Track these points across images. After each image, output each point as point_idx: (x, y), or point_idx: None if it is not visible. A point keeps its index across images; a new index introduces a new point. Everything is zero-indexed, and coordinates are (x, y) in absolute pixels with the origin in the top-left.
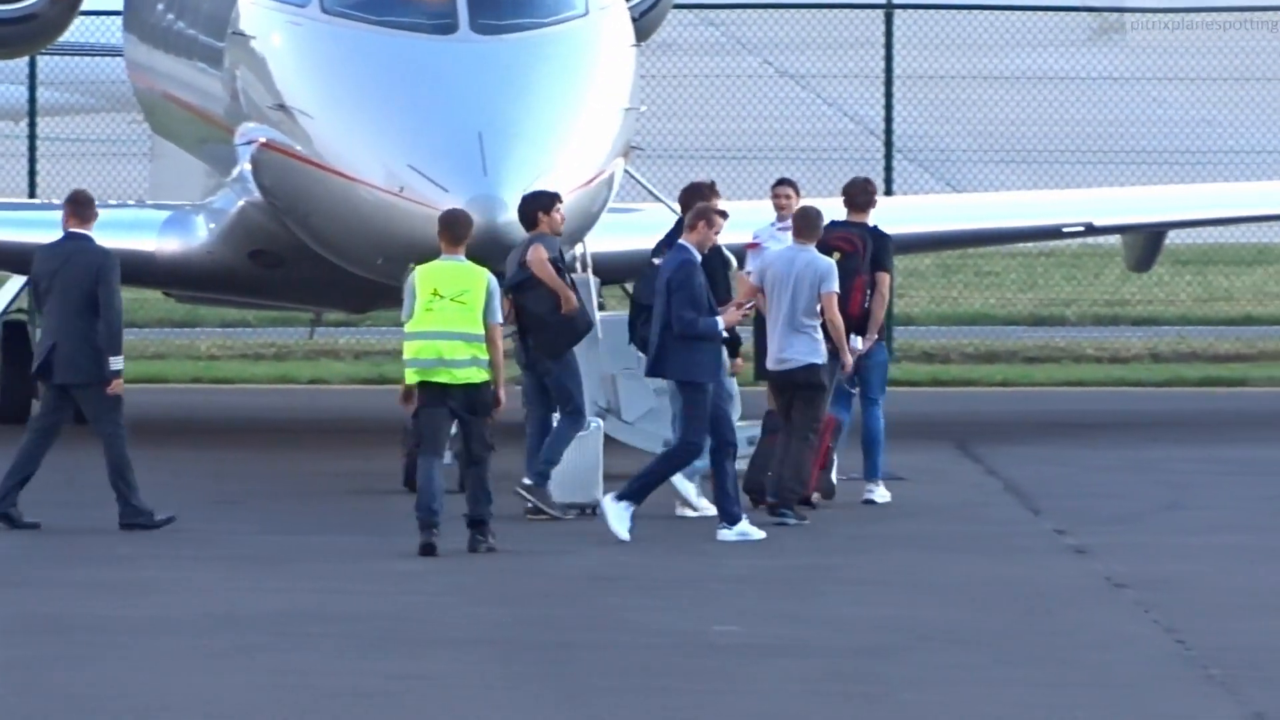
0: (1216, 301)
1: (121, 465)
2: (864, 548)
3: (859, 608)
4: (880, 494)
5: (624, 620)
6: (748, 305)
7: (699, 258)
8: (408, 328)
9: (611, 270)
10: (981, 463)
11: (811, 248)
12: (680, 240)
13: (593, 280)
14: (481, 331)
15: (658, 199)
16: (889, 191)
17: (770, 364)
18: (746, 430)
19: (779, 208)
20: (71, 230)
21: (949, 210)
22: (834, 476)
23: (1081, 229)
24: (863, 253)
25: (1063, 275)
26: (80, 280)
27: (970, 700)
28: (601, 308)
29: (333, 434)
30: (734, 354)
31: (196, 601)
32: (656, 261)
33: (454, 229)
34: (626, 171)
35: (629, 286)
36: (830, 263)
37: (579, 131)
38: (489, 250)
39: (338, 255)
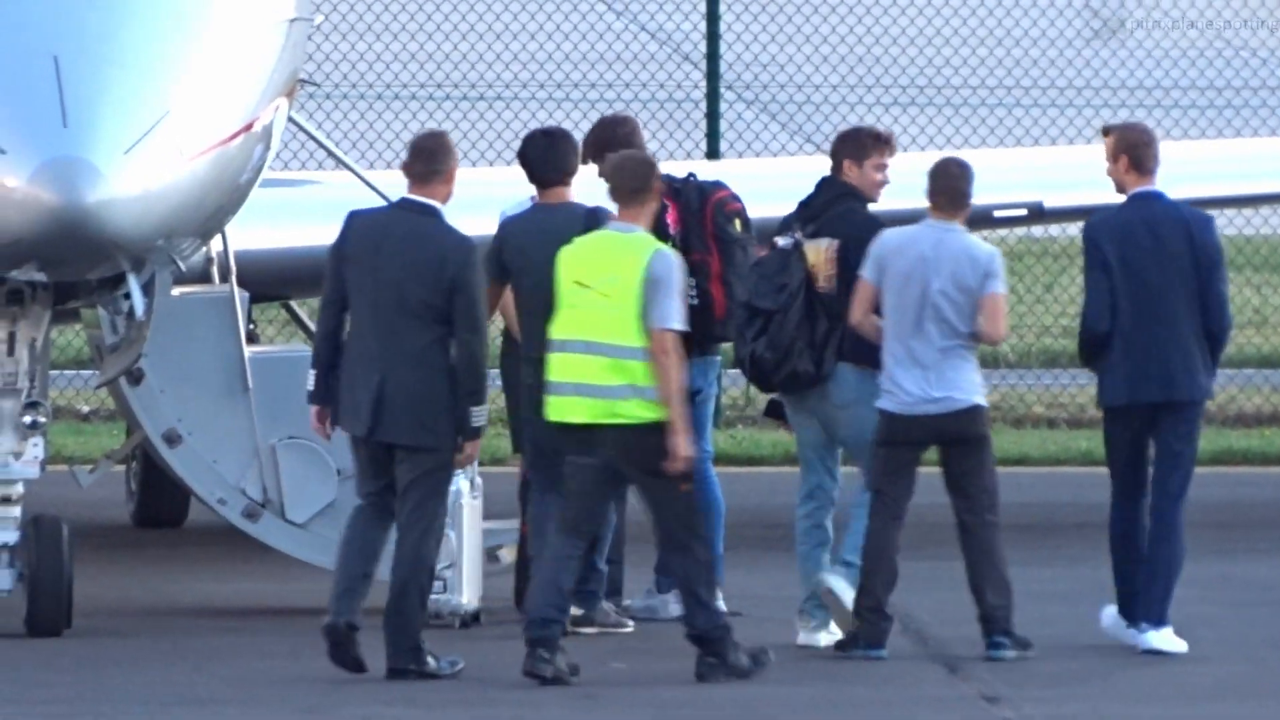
0: (1240, 330)
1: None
2: None
3: None
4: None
5: None
6: None
7: None
8: (551, 332)
9: (268, 278)
10: None
11: (959, 226)
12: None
13: (239, 295)
14: (637, 343)
15: (342, 162)
16: (713, 149)
17: (905, 403)
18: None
19: None
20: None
21: (804, 180)
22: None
23: (1024, 213)
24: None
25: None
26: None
27: None
28: (253, 338)
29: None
30: None
31: None
32: (781, 243)
33: (619, 176)
34: (291, 119)
35: (297, 306)
36: (993, 251)
37: (214, 54)
38: (74, 250)
39: None
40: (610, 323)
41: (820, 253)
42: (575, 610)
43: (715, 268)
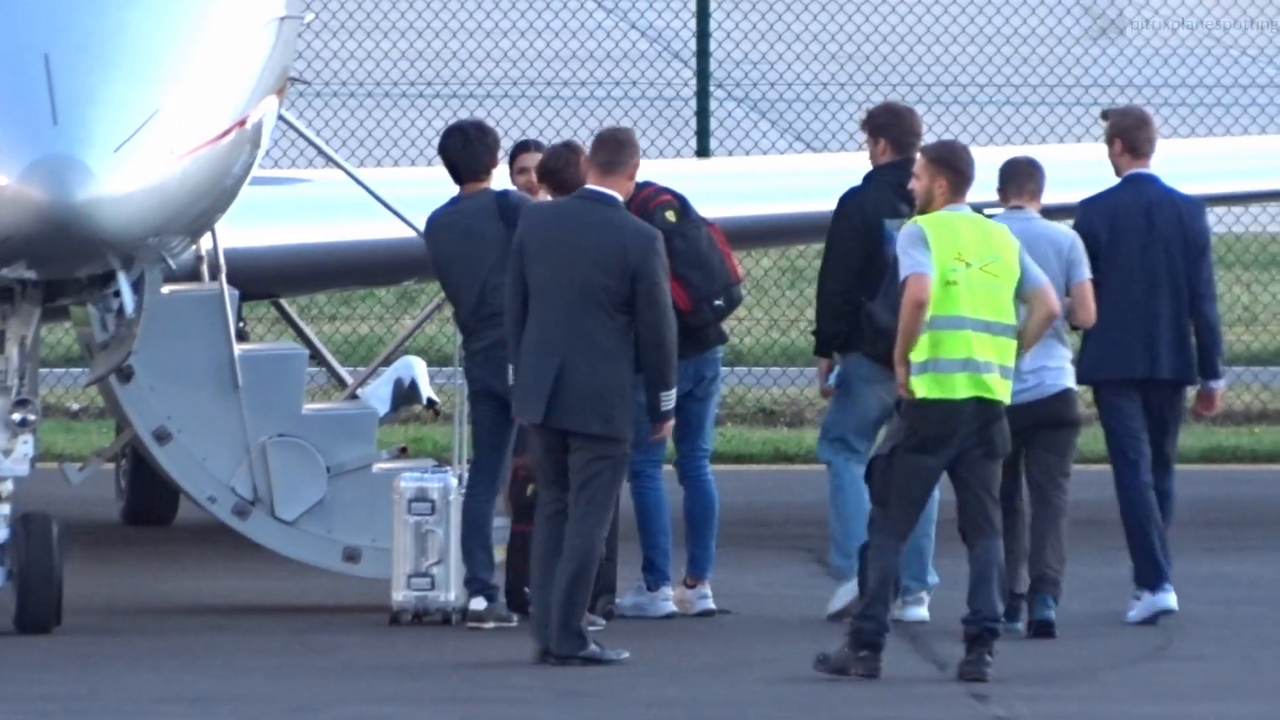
0: (1230, 327)
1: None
2: None
3: None
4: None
5: None
6: None
7: None
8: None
9: (258, 276)
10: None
11: (1035, 214)
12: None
13: (229, 293)
14: (1014, 321)
15: (332, 160)
16: (702, 148)
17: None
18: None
19: (523, 188)
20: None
21: (794, 179)
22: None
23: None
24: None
25: None
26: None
27: None
28: (243, 336)
29: None
30: None
31: None
32: None
33: (961, 160)
34: (281, 117)
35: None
36: (1073, 235)
37: (204, 53)
38: (64, 248)
39: None
40: (997, 302)
41: None
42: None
43: None
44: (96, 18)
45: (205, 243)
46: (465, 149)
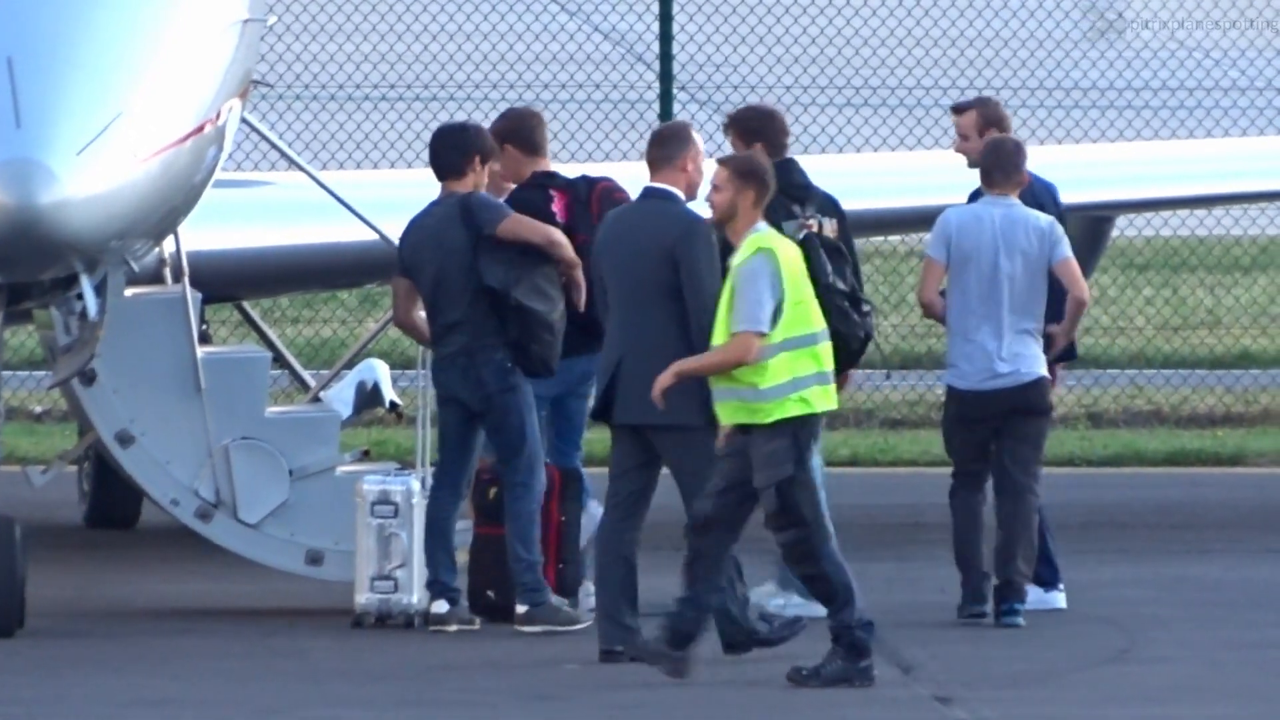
0: (1194, 330)
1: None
2: None
3: None
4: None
5: None
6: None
7: None
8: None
9: (221, 279)
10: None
11: (1017, 200)
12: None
13: (192, 296)
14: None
15: (295, 163)
16: None
17: (975, 380)
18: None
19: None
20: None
21: None
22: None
23: None
24: None
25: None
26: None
27: None
28: (206, 339)
29: None
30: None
31: None
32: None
33: (766, 179)
34: (244, 120)
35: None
36: (1051, 219)
37: (167, 56)
38: (27, 251)
39: None
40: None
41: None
42: (520, 607)
43: None
44: (59, 21)
45: (168, 245)
46: (434, 146)
